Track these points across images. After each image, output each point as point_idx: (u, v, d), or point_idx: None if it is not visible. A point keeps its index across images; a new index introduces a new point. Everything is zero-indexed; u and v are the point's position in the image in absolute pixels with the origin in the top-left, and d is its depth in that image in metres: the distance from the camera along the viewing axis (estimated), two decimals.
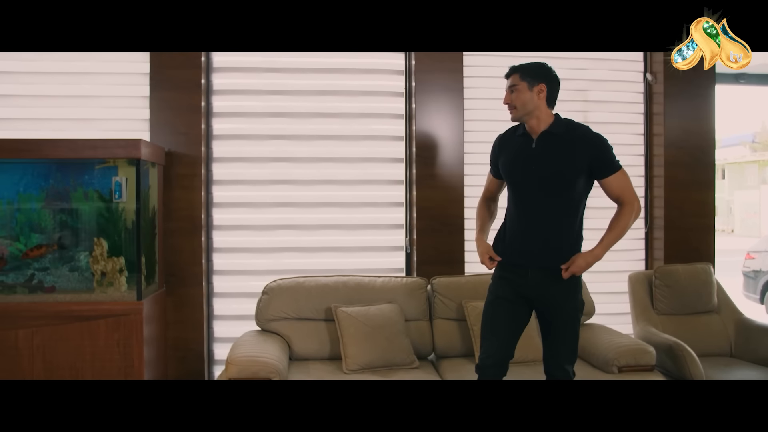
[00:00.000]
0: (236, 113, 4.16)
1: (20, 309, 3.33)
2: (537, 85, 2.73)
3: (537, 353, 3.56)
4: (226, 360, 3.21)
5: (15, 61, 4.05)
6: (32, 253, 3.61)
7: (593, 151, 2.69)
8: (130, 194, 3.50)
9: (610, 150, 2.72)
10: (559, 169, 2.68)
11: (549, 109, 2.77)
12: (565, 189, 2.70)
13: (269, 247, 4.18)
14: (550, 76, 2.78)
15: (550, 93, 2.76)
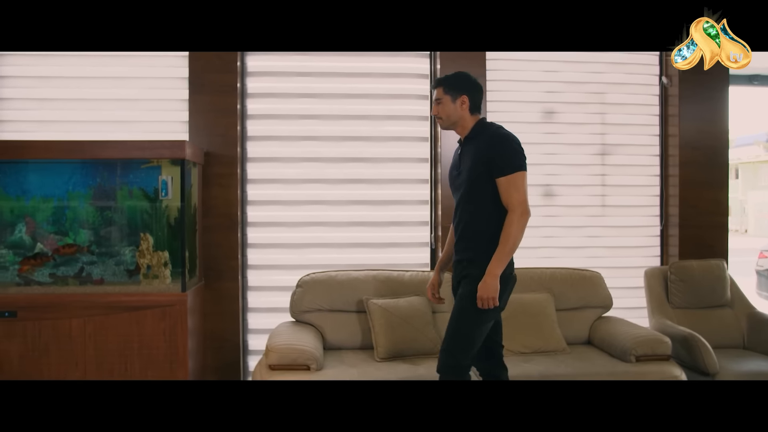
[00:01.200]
0: (269, 115, 4.37)
1: (73, 300, 3.54)
2: (459, 97, 2.87)
3: (558, 344, 3.75)
4: (266, 348, 3.42)
5: (61, 66, 4.27)
6: (63, 250, 3.83)
7: (489, 152, 2.76)
8: (174, 192, 3.71)
9: (506, 152, 2.76)
10: (469, 172, 2.82)
11: (474, 116, 2.90)
12: (476, 190, 2.80)
13: (300, 242, 4.38)
14: (471, 86, 2.90)
15: (473, 102, 2.89)
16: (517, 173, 2.73)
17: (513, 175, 2.72)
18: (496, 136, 2.81)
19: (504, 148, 2.76)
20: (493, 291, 2.71)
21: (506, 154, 2.75)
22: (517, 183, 2.72)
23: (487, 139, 2.80)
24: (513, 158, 2.75)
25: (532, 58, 4.51)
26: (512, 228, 2.70)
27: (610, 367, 3.50)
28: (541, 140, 4.55)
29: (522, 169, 2.75)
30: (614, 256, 4.63)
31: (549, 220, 4.57)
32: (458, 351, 2.79)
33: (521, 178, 2.74)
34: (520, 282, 3.91)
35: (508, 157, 2.74)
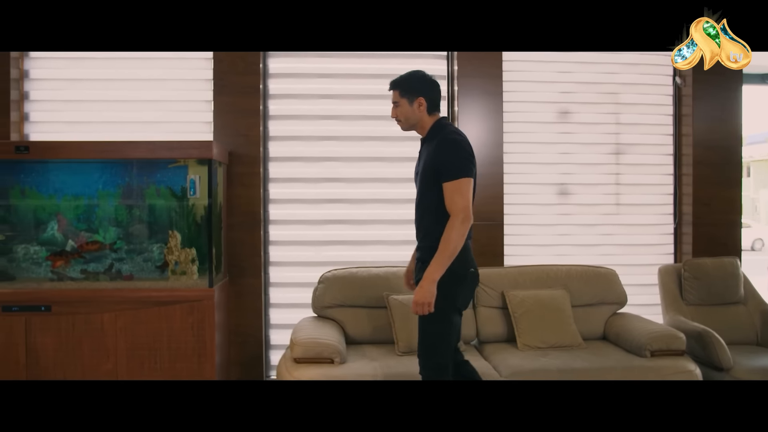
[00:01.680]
0: (290, 116, 4.48)
1: (104, 295, 3.67)
2: (416, 100, 2.87)
3: (574, 339, 3.84)
4: (291, 341, 3.53)
5: (89, 69, 4.41)
6: (86, 246, 3.95)
7: (438, 156, 2.77)
8: (202, 191, 3.83)
9: (453, 158, 2.74)
10: (422, 174, 2.87)
11: (432, 116, 2.91)
12: (428, 193, 2.82)
13: (321, 240, 4.50)
14: (428, 86, 2.90)
15: (430, 102, 2.88)
16: (461, 179, 2.71)
17: (457, 181, 2.70)
18: (446, 141, 2.79)
19: (451, 154, 2.75)
20: (429, 296, 2.67)
21: (452, 160, 2.74)
22: (461, 189, 2.70)
23: (438, 143, 2.80)
24: (458, 164, 2.73)
25: (547, 59, 4.60)
26: (452, 233, 2.68)
27: (625, 361, 3.58)
28: (556, 140, 4.64)
29: (467, 175, 2.73)
30: (628, 253, 4.71)
31: (564, 218, 4.66)
32: (433, 352, 2.80)
33: (465, 185, 2.72)
34: (536, 278, 4.06)
35: (454, 163, 2.73)
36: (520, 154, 4.59)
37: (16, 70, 4.34)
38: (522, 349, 3.79)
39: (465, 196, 2.71)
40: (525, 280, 4.11)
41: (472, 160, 2.80)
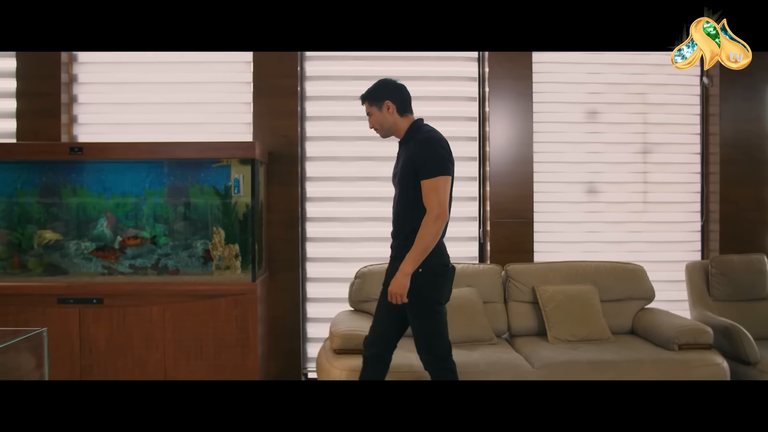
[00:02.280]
0: (327, 117, 4.64)
1: (152, 288, 3.85)
2: (384, 104, 2.98)
3: (603, 333, 3.95)
4: (331, 334, 3.69)
5: (134, 73, 4.61)
6: (128, 241, 4.15)
7: (416, 155, 2.85)
8: (245, 189, 4.00)
9: (431, 156, 2.82)
10: (400, 173, 2.98)
11: (405, 117, 3.01)
12: (406, 192, 2.91)
13: (355, 237, 4.66)
14: (392, 89, 3.01)
15: (399, 104, 2.99)
16: (439, 177, 2.80)
17: (435, 179, 2.79)
18: (425, 140, 2.88)
19: (429, 152, 2.84)
20: (402, 288, 2.79)
21: (431, 158, 2.82)
22: (437, 186, 2.79)
23: (417, 143, 2.89)
24: (437, 162, 2.81)
25: (576, 60, 4.71)
26: (426, 229, 2.79)
27: (654, 354, 3.69)
28: (585, 139, 4.75)
29: (444, 173, 2.82)
30: (656, 250, 4.80)
31: (592, 216, 4.77)
32: (431, 346, 2.92)
33: (443, 182, 2.80)
34: (566, 274, 4.18)
35: (432, 161, 2.81)
36: (549, 154, 4.71)
37: (66, 74, 4.55)
38: (553, 342, 3.91)
39: (441, 194, 2.81)
40: (555, 276, 4.23)
41: (450, 158, 2.89)
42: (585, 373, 3.48)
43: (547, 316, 4.02)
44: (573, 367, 3.53)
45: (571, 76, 4.73)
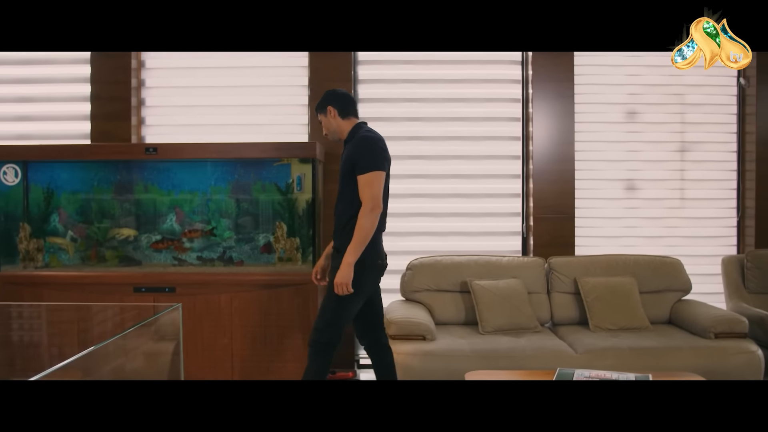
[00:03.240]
0: (378, 118, 4.91)
1: (220, 278, 4.17)
2: (327, 110, 3.30)
3: (642, 322, 4.16)
4: (387, 320, 3.94)
5: (197, 78, 4.93)
6: (189, 234, 4.46)
7: (352, 152, 3.12)
8: (306, 187, 4.30)
9: (366, 153, 3.09)
10: (341, 171, 3.25)
11: (347, 120, 3.30)
12: (345, 188, 3.18)
13: (405, 231, 4.93)
14: (333, 96, 3.31)
15: (339, 108, 3.28)
16: (372, 172, 3.06)
17: (369, 174, 3.05)
18: (361, 138, 3.16)
19: (365, 149, 3.11)
20: (347, 278, 3.02)
21: (366, 154, 3.08)
22: (371, 181, 3.05)
23: (355, 141, 3.17)
24: (371, 159, 3.07)
25: (616, 63, 4.92)
26: (363, 220, 3.04)
27: (691, 342, 3.90)
28: (624, 138, 4.96)
29: (378, 169, 3.07)
30: (692, 245, 5.00)
31: (631, 211, 4.98)
32: (325, 330, 3.17)
33: (376, 177, 3.06)
34: (606, 266, 4.40)
35: (366, 158, 3.07)
36: (590, 152, 4.93)
37: (135, 79, 4.89)
38: (594, 331, 4.14)
39: (375, 188, 3.06)
40: (596, 268, 4.46)
41: (385, 155, 3.15)
42: (625, 358, 3.71)
43: (589, 306, 4.25)
44: (614, 353, 3.76)
45: (611, 78, 4.94)
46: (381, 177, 3.11)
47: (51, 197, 4.45)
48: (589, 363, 3.67)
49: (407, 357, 3.70)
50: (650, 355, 3.76)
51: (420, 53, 4.86)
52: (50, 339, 2.69)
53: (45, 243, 4.43)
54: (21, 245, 4.38)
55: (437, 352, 3.75)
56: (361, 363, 4.91)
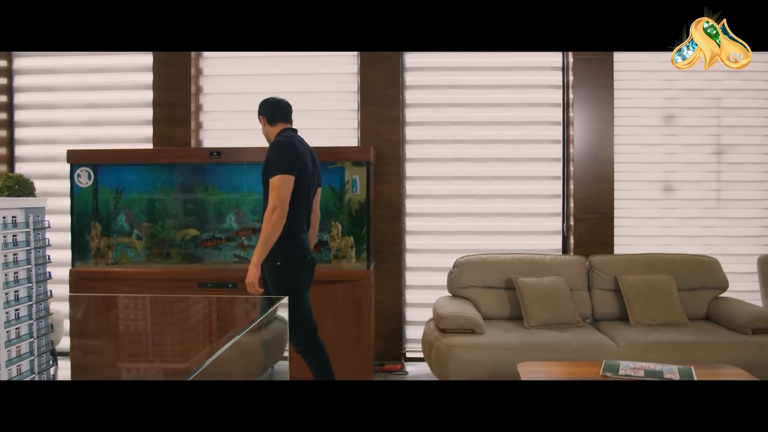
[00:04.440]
0: (424, 122, 5.16)
1: None
2: (259, 118, 3.61)
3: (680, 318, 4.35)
4: (438, 315, 4.19)
5: (250, 84, 5.21)
6: (241, 232, 4.72)
7: (267, 156, 3.35)
8: (361, 188, 4.54)
9: (274, 158, 3.29)
10: (261, 173, 3.48)
11: (275, 126, 3.55)
12: (264, 189, 3.41)
13: (450, 230, 5.17)
14: (263, 105, 3.59)
15: (267, 116, 3.55)
16: (279, 176, 3.24)
17: (276, 177, 3.24)
18: (274, 143, 3.40)
19: (274, 154, 3.32)
20: (252, 278, 3.24)
21: (274, 159, 3.29)
22: (278, 184, 3.23)
23: (270, 146, 3.43)
24: (278, 163, 3.26)
25: (655, 69, 5.10)
26: (265, 221, 3.25)
27: (729, 337, 4.08)
28: (662, 141, 5.14)
29: (285, 172, 3.25)
30: (728, 244, 5.17)
31: (668, 212, 5.16)
32: (296, 327, 3.38)
33: (282, 181, 3.23)
34: (645, 265, 4.59)
35: (275, 162, 3.27)
36: (628, 155, 5.12)
37: (194, 86, 5.18)
38: (634, 326, 4.33)
39: (281, 191, 3.23)
40: (635, 266, 4.64)
41: (294, 160, 3.31)
42: (666, 352, 3.90)
43: (629, 302, 4.44)
44: (655, 347, 3.95)
45: (649, 83, 5.12)
46: (288, 180, 3.27)
47: (119, 198, 4.74)
48: (632, 356, 3.86)
49: (459, 349, 3.94)
50: (690, 349, 3.95)
51: (465, 60, 5.10)
52: (153, 328, 2.96)
53: (114, 241, 4.73)
54: (92, 243, 4.69)
55: (487, 344, 3.98)
56: (408, 356, 5.15)
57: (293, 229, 3.37)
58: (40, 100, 5.34)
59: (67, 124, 5.32)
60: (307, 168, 3.43)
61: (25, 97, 5.35)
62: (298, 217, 3.40)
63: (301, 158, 3.37)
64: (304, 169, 3.38)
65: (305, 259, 3.43)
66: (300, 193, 3.37)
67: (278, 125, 3.56)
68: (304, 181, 3.40)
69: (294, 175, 3.29)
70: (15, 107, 5.36)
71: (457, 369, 3.94)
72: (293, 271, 3.36)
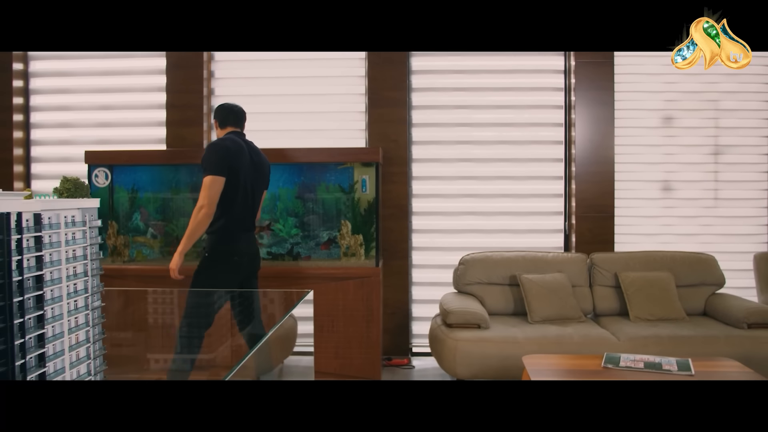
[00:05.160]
0: (430, 123, 5.30)
1: (291, 271, 4.58)
2: (214, 122, 3.71)
3: (678, 313, 4.50)
4: (445, 311, 4.35)
5: (262, 86, 5.35)
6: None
7: (202, 157, 3.42)
8: (370, 188, 4.69)
9: (205, 158, 3.38)
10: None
11: (225, 129, 3.64)
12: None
13: (455, 229, 5.32)
14: (215, 111, 3.71)
15: (219, 121, 3.66)
16: (209, 177, 3.33)
17: (206, 177, 3.35)
18: (208, 145, 3.50)
19: (206, 155, 3.41)
20: (172, 264, 3.39)
21: (205, 160, 3.39)
22: (207, 184, 3.34)
23: (205, 148, 3.50)
24: (209, 164, 3.35)
25: (654, 72, 5.24)
26: (192, 218, 3.35)
27: (726, 331, 4.23)
28: (661, 142, 5.29)
29: (214, 173, 3.33)
30: (725, 242, 5.32)
31: (667, 210, 5.31)
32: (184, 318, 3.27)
33: (210, 182, 3.32)
34: (645, 262, 4.74)
35: (205, 163, 3.37)
36: (629, 155, 5.27)
37: (206, 89, 5.32)
38: (634, 321, 4.49)
39: (209, 191, 3.33)
40: (635, 263, 4.80)
41: (223, 162, 3.37)
42: (665, 345, 4.05)
43: (629, 298, 4.59)
44: (654, 341, 4.10)
45: (649, 85, 5.27)
46: (217, 181, 3.34)
47: (135, 198, 4.89)
48: (632, 349, 4.02)
49: (466, 343, 4.09)
50: (688, 343, 4.10)
51: (470, 63, 5.25)
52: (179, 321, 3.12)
53: (130, 239, 4.88)
54: (109, 241, 4.84)
55: (493, 338, 4.13)
56: (414, 351, 5.30)
57: (230, 226, 3.47)
58: (56, 102, 5.49)
59: (82, 125, 5.46)
60: (243, 169, 3.50)
61: (41, 99, 5.49)
62: (237, 215, 3.48)
63: (233, 159, 3.44)
64: (238, 169, 3.46)
65: (231, 258, 3.47)
66: (235, 191, 3.44)
67: (227, 129, 3.66)
68: (240, 181, 3.47)
69: (223, 176, 3.38)
70: (31, 109, 5.50)
71: (464, 362, 4.09)
72: (216, 264, 3.42)
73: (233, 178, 3.42)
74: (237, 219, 3.49)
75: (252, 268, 3.65)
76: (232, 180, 3.42)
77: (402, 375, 4.90)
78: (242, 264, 3.51)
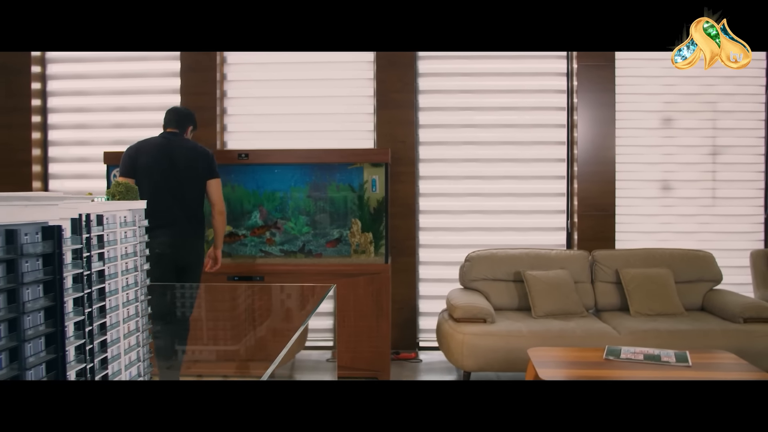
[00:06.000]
0: (436, 125, 5.47)
1: (303, 268, 4.75)
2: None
3: (677, 308, 4.66)
4: (452, 306, 4.52)
5: (273, 89, 5.51)
6: (257, 231, 5.03)
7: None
8: (380, 188, 4.86)
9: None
10: None
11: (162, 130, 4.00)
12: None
13: (461, 227, 5.49)
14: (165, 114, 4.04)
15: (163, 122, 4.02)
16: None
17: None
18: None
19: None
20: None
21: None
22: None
23: None
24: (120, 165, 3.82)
25: (654, 74, 5.41)
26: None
27: (723, 326, 4.40)
28: (660, 143, 5.46)
29: (120, 173, 3.79)
30: (722, 240, 5.49)
31: (666, 209, 5.48)
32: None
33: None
34: (645, 259, 4.90)
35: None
36: (629, 155, 5.44)
37: (219, 91, 5.49)
38: (634, 316, 4.66)
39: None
40: (635, 260, 4.97)
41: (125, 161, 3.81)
42: (664, 339, 4.22)
43: (629, 294, 4.76)
44: (654, 334, 4.27)
45: (649, 87, 5.44)
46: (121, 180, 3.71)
47: None
48: (632, 343, 4.18)
49: (473, 337, 4.26)
50: (686, 337, 4.27)
51: (475, 66, 5.42)
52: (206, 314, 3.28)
53: None
54: None
55: (498, 332, 4.30)
56: (421, 345, 5.47)
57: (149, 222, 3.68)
58: (73, 103, 5.65)
59: (98, 126, 5.63)
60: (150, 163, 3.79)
61: (58, 101, 5.66)
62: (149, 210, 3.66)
63: (135, 158, 3.81)
64: (141, 165, 3.78)
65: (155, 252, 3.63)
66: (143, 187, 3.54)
67: (164, 129, 4.02)
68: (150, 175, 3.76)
69: (126, 175, 3.75)
70: (49, 110, 5.66)
71: (471, 355, 4.26)
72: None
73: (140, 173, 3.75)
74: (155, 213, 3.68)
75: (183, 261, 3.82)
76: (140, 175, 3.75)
77: (410, 368, 5.07)
78: (164, 255, 3.65)
